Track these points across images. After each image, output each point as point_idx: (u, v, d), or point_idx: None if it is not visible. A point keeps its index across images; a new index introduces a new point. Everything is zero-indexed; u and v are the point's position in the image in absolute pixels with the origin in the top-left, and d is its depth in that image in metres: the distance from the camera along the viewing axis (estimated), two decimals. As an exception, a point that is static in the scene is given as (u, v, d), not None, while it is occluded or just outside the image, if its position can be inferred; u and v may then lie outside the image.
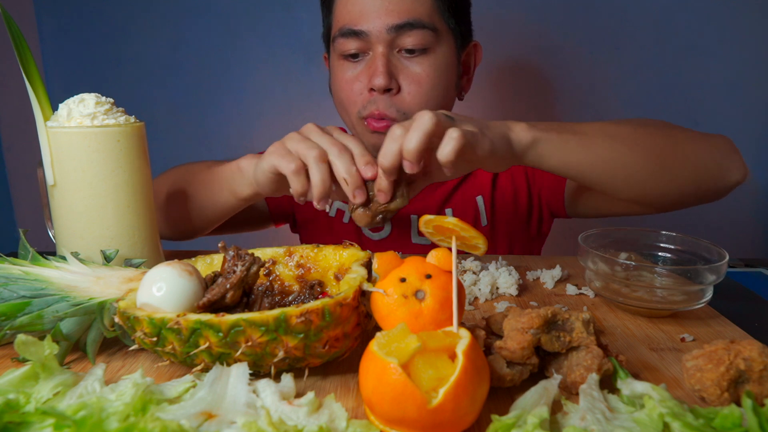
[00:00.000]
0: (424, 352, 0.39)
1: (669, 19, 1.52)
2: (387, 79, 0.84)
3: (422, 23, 0.84)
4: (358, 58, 0.88)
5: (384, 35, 0.84)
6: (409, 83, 0.86)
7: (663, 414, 0.38)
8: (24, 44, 0.60)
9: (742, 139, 1.61)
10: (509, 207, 1.02)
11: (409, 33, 0.84)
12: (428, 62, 0.86)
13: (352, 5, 0.86)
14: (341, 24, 0.87)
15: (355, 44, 0.86)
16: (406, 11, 0.84)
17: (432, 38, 0.85)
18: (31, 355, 0.42)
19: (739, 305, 0.69)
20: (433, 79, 0.87)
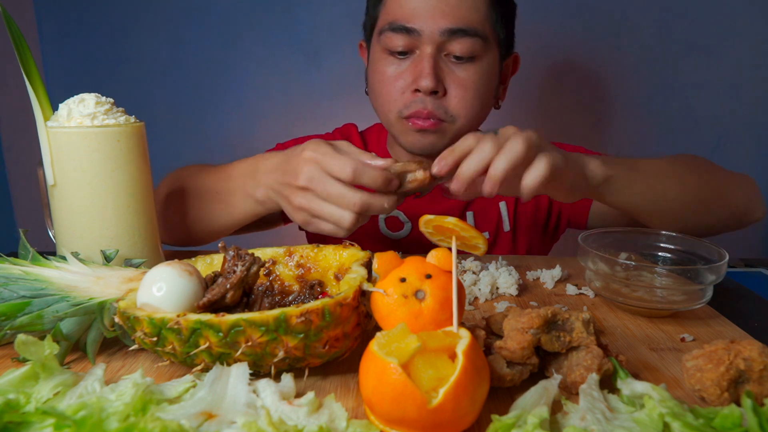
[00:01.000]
0: (424, 352, 0.39)
1: (669, 19, 1.52)
2: (434, 82, 0.83)
3: (475, 31, 0.83)
4: (404, 55, 0.86)
5: (436, 37, 0.83)
6: (455, 87, 0.85)
7: (663, 414, 0.38)
8: (24, 44, 0.60)
9: (742, 138, 1.61)
10: (530, 214, 1.03)
11: (461, 39, 0.83)
12: (474, 69, 0.85)
13: (404, 2, 0.84)
14: (392, 18, 0.85)
15: (404, 41, 0.84)
16: (461, 17, 0.82)
17: (481, 47, 0.84)
18: (31, 355, 0.42)
19: (739, 305, 0.69)
20: (479, 87, 0.86)
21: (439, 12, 0.82)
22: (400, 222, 1.00)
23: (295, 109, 1.65)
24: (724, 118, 1.59)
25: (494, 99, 0.94)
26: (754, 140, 1.61)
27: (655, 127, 1.61)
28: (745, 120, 1.59)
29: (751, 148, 1.62)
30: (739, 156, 1.62)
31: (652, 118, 1.61)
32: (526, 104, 1.62)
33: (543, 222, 1.04)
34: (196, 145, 1.68)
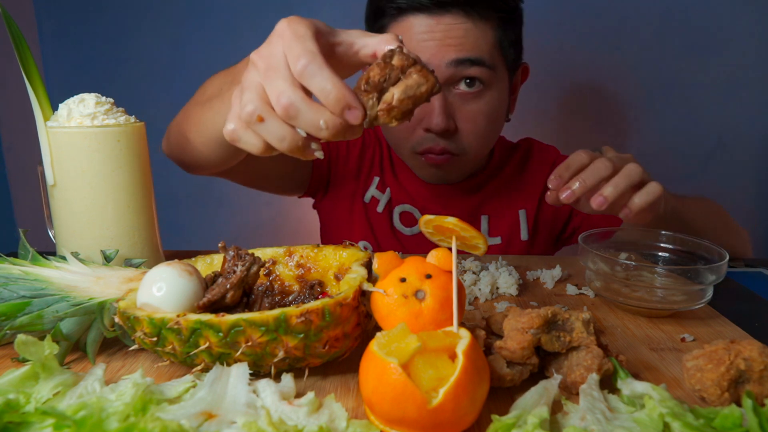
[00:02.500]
0: (424, 352, 0.39)
1: (669, 19, 1.52)
2: (446, 121, 0.82)
3: (482, 60, 0.82)
4: None
5: (443, 69, 0.81)
6: (465, 122, 0.85)
7: (663, 414, 0.38)
8: (24, 44, 0.60)
9: (742, 138, 1.61)
10: (548, 224, 1.03)
11: (468, 71, 0.82)
12: (484, 100, 0.85)
13: (409, 39, 0.81)
14: None
15: None
16: (468, 48, 0.81)
17: (489, 75, 0.84)
18: (31, 355, 0.42)
19: (739, 305, 0.69)
20: (489, 116, 0.87)
21: (444, 46, 0.80)
22: (415, 219, 1.01)
23: (295, 109, 1.65)
24: (724, 118, 1.59)
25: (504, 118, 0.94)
26: (754, 140, 1.61)
27: (655, 127, 1.61)
28: (745, 120, 1.59)
29: (751, 148, 1.62)
30: (739, 156, 1.62)
31: (652, 118, 1.61)
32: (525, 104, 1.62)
33: (559, 229, 1.04)
34: (196, 145, 1.68)
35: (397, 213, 1.02)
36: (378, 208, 1.02)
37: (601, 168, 0.66)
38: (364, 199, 1.03)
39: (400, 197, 1.02)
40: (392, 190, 1.02)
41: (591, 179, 0.66)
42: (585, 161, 0.68)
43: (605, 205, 0.65)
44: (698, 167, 1.63)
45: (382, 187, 1.03)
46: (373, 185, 1.03)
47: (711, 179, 1.62)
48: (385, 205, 1.02)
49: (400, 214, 1.01)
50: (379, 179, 1.03)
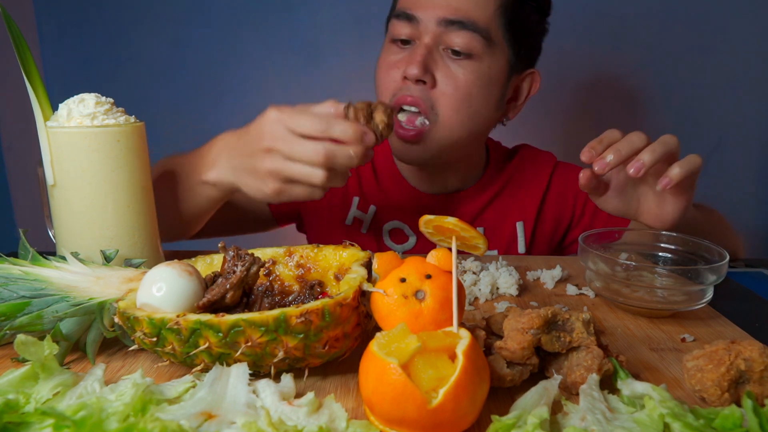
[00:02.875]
0: (424, 352, 0.39)
1: (669, 19, 1.52)
2: (421, 70, 0.80)
3: (475, 26, 0.81)
4: (407, 45, 0.85)
5: (433, 26, 0.81)
6: (446, 81, 0.82)
7: (663, 414, 0.38)
8: (24, 44, 0.60)
9: (742, 138, 1.61)
10: (547, 236, 1.01)
11: (459, 33, 0.81)
12: (471, 68, 0.82)
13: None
14: (399, 6, 0.86)
15: (406, 30, 0.84)
16: (462, 10, 0.81)
17: (481, 45, 0.82)
18: (31, 355, 0.42)
19: (740, 305, 0.69)
20: (471, 88, 0.83)
21: (441, 1, 0.81)
22: (405, 235, 0.99)
23: (295, 109, 1.65)
24: (724, 118, 1.59)
25: (496, 111, 0.90)
26: (754, 140, 1.61)
27: (655, 127, 1.61)
28: (745, 120, 1.59)
29: (751, 148, 1.62)
30: (739, 156, 1.62)
31: (652, 118, 1.61)
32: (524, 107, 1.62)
33: (557, 241, 1.03)
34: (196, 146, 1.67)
35: (386, 231, 0.98)
36: (362, 230, 0.99)
37: (635, 140, 0.65)
38: (346, 222, 1.00)
39: (388, 213, 0.99)
40: (378, 206, 0.99)
41: (626, 149, 0.64)
42: (618, 136, 0.67)
43: (643, 170, 0.63)
44: (698, 167, 1.63)
45: (365, 206, 0.99)
46: (353, 206, 1.00)
47: (711, 179, 1.62)
48: (370, 225, 0.99)
49: (390, 231, 0.99)
50: (360, 199, 1.00)
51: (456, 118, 0.84)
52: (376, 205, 0.99)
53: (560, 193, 1.00)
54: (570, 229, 1.02)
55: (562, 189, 1.00)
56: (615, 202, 0.74)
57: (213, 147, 0.75)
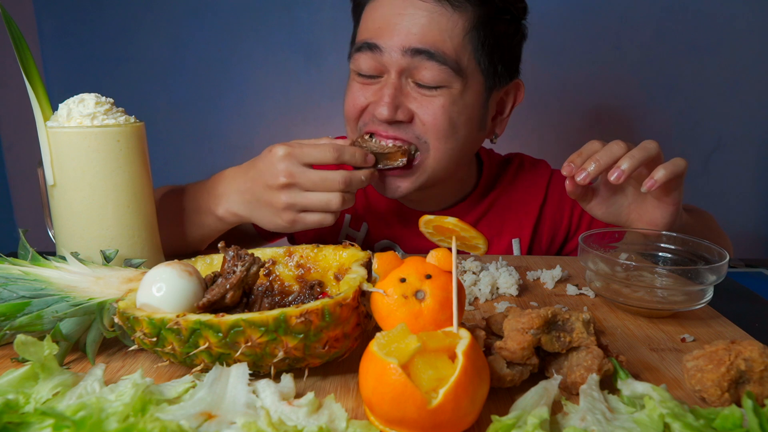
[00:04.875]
0: (424, 353, 0.39)
1: (669, 19, 1.52)
2: (392, 111, 0.77)
3: (443, 57, 0.76)
4: (372, 79, 0.81)
5: (398, 56, 0.76)
6: (424, 113, 0.78)
7: (663, 414, 0.38)
8: (24, 44, 0.60)
9: (742, 138, 1.61)
10: (543, 249, 1.00)
11: (426, 64, 0.76)
12: (445, 98, 0.78)
13: (375, 19, 0.79)
14: (361, 38, 0.81)
15: (370, 62, 0.79)
16: (429, 39, 0.75)
17: (452, 77, 0.77)
18: (31, 355, 0.42)
19: (740, 305, 0.69)
20: (452, 115, 0.79)
21: (405, 31, 0.76)
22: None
23: (295, 109, 1.65)
24: (724, 118, 1.59)
25: (480, 132, 0.87)
26: (754, 140, 1.61)
27: (655, 127, 1.61)
28: (745, 120, 1.59)
29: (751, 148, 1.62)
30: (739, 156, 1.62)
31: (652, 118, 1.61)
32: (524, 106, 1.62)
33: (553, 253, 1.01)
34: (196, 145, 1.68)
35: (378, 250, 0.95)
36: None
37: (615, 148, 0.65)
38: (339, 240, 0.99)
39: (379, 231, 0.97)
40: (369, 224, 0.98)
41: (605, 158, 0.65)
42: (598, 147, 0.67)
43: (623, 177, 0.63)
44: (698, 167, 1.63)
45: (356, 224, 0.98)
46: (345, 224, 0.99)
47: (711, 179, 1.62)
48: (362, 243, 0.97)
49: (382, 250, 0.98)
50: (351, 217, 0.99)
51: (444, 147, 0.81)
52: (367, 222, 0.98)
53: (557, 205, 0.98)
54: (567, 241, 1.00)
55: (558, 200, 0.98)
56: (603, 208, 0.74)
57: (219, 183, 0.78)
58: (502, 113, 0.91)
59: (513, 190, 0.99)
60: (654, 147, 0.66)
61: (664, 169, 0.65)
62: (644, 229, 0.74)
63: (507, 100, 0.90)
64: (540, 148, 1.46)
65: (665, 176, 0.64)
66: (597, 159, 0.66)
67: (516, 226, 0.97)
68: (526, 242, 0.96)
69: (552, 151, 1.14)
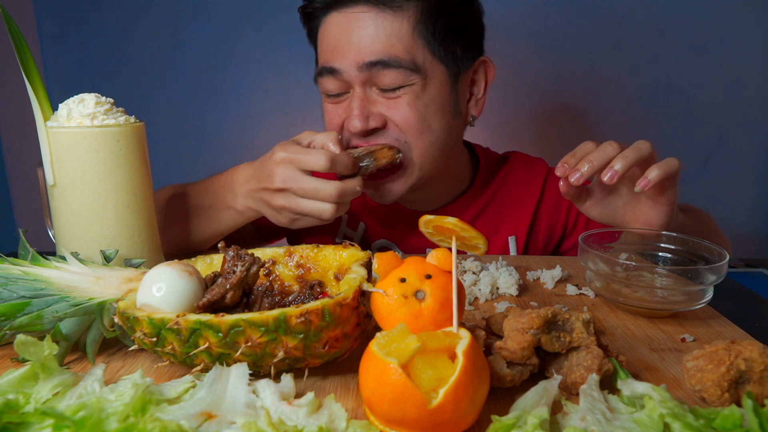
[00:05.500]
0: (424, 353, 0.39)
1: (669, 19, 1.52)
2: (363, 122, 0.80)
3: (398, 61, 0.78)
4: (341, 96, 0.84)
5: (356, 73, 0.79)
6: (393, 113, 0.81)
7: (663, 414, 0.38)
8: (24, 44, 0.60)
9: (742, 138, 1.61)
10: (539, 247, 1.00)
11: (384, 72, 0.78)
12: (411, 96, 0.80)
13: (327, 42, 0.82)
14: (321, 62, 0.84)
15: (334, 84, 0.82)
16: (379, 49, 0.78)
17: (410, 75, 0.79)
18: (31, 355, 0.42)
19: (740, 305, 0.69)
20: (421, 110, 0.81)
21: (355, 47, 0.79)
22: None
23: (295, 109, 1.65)
24: (724, 118, 1.59)
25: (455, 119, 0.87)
26: (754, 140, 1.61)
27: (655, 127, 1.61)
28: (745, 120, 1.59)
29: (751, 148, 1.62)
30: (739, 156, 1.62)
31: (652, 118, 1.61)
32: (524, 106, 1.62)
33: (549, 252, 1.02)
34: (196, 145, 1.68)
35: (375, 249, 0.98)
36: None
37: (608, 149, 0.66)
38: (336, 240, 1.00)
39: (375, 231, 0.99)
40: (366, 223, 0.99)
41: (599, 159, 0.65)
42: (591, 148, 0.68)
43: (616, 177, 0.64)
44: (698, 167, 1.63)
45: (354, 224, 1.00)
46: (342, 224, 1.00)
47: (711, 179, 1.62)
48: (360, 243, 0.98)
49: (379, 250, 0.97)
50: (348, 217, 1.00)
51: (424, 142, 0.83)
52: (364, 221, 0.99)
53: (554, 203, 0.98)
54: (563, 239, 1.01)
55: (555, 198, 0.98)
56: (598, 209, 0.75)
57: (234, 177, 0.80)
58: (477, 94, 0.91)
59: (510, 187, 0.99)
60: (647, 147, 0.66)
61: (658, 168, 0.65)
62: (643, 229, 0.74)
63: (478, 79, 0.90)
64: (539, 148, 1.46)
65: (659, 176, 0.65)
66: (590, 160, 0.66)
67: (513, 224, 0.97)
68: (523, 240, 0.97)
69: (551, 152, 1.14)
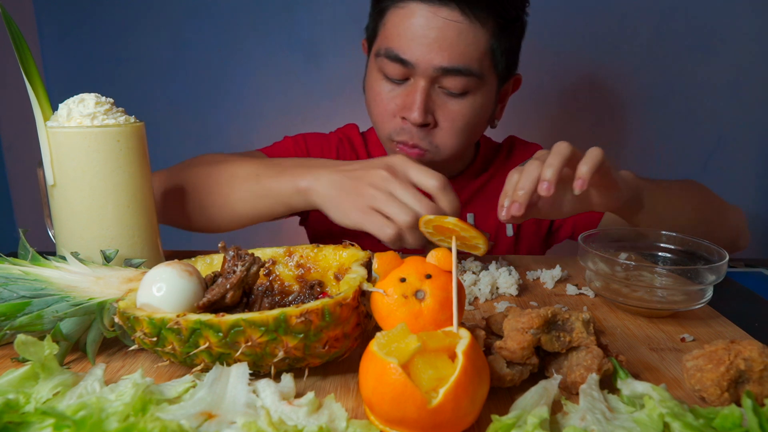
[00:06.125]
0: (424, 352, 0.39)
1: (669, 19, 1.52)
2: (423, 116, 0.83)
3: (470, 70, 0.82)
4: (401, 83, 0.86)
5: (430, 72, 0.82)
6: (444, 119, 0.85)
7: (663, 414, 0.38)
8: (24, 44, 0.60)
9: (742, 138, 1.61)
10: (531, 230, 1.03)
11: (454, 77, 0.82)
12: (466, 103, 0.85)
13: (404, 29, 0.82)
14: (389, 44, 0.84)
15: (398, 70, 0.84)
16: (458, 54, 0.81)
17: (475, 84, 0.84)
18: (31, 355, 0.42)
19: (739, 305, 0.69)
20: (469, 118, 0.86)
21: (436, 48, 0.80)
22: None
23: (295, 109, 1.65)
24: (724, 118, 1.59)
25: (487, 123, 0.94)
26: (754, 140, 1.61)
27: (655, 127, 1.61)
28: (745, 120, 1.59)
29: (751, 148, 1.62)
30: (739, 156, 1.62)
31: (652, 118, 1.61)
32: (524, 106, 1.62)
33: (547, 228, 1.05)
34: (196, 145, 1.68)
35: None
36: None
37: (531, 169, 0.65)
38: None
39: None
40: None
41: (527, 182, 0.65)
42: (516, 177, 0.67)
43: (552, 187, 0.63)
44: (698, 167, 1.63)
45: None
46: None
47: (711, 179, 1.62)
48: None
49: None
50: None
51: (455, 147, 0.89)
52: None
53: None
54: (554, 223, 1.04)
55: None
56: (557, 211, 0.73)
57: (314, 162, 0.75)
58: (503, 101, 0.97)
59: (505, 167, 1.04)
60: (566, 146, 0.66)
61: (585, 165, 0.64)
62: (643, 229, 0.74)
63: (508, 90, 0.97)
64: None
65: (589, 171, 0.64)
66: (521, 187, 0.65)
67: None
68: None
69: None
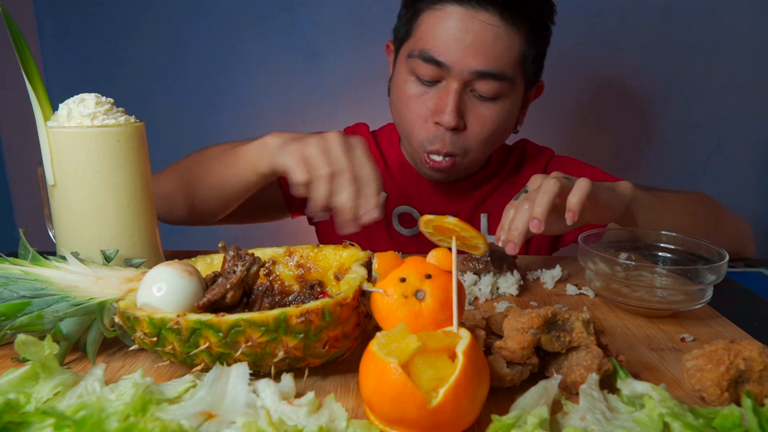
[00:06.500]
0: (424, 352, 0.39)
1: (669, 19, 1.52)
2: (456, 119, 0.84)
3: (504, 75, 0.83)
4: (432, 85, 0.86)
5: (464, 75, 0.83)
6: (475, 123, 0.86)
7: (663, 414, 0.38)
8: (24, 44, 0.60)
9: (742, 138, 1.61)
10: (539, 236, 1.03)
11: (487, 81, 0.83)
12: (497, 108, 0.86)
13: (440, 32, 0.82)
14: (423, 46, 0.84)
15: (432, 71, 0.84)
16: (493, 58, 0.82)
17: (507, 88, 0.85)
18: (31, 355, 0.42)
19: (739, 305, 0.69)
20: (498, 123, 0.88)
21: (472, 51, 0.81)
22: (414, 219, 1.01)
23: (295, 109, 1.65)
24: (724, 118, 1.59)
25: (512, 129, 0.96)
26: (754, 140, 1.61)
27: (655, 127, 1.61)
28: (745, 120, 1.59)
29: (751, 148, 1.62)
30: (739, 156, 1.62)
31: (652, 118, 1.61)
32: (526, 104, 1.62)
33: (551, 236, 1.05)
34: (196, 145, 1.67)
35: (396, 215, 1.02)
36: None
37: (523, 207, 0.67)
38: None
39: (398, 198, 1.03)
40: (389, 192, 1.03)
41: (520, 222, 0.66)
42: (511, 212, 0.68)
43: (542, 225, 0.64)
44: (698, 167, 1.63)
45: None
46: None
47: (711, 179, 1.62)
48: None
49: (399, 215, 1.02)
50: None
51: (483, 149, 0.91)
52: (386, 192, 1.02)
53: None
54: None
55: None
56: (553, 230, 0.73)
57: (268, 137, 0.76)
58: (525, 107, 0.98)
59: (518, 170, 1.05)
60: (553, 183, 0.66)
61: (574, 197, 0.65)
62: (643, 229, 0.74)
63: (530, 96, 0.98)
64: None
65: (578, 203, 0.65)
66: (515, 228, 0.66)
67: None
68: None
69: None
